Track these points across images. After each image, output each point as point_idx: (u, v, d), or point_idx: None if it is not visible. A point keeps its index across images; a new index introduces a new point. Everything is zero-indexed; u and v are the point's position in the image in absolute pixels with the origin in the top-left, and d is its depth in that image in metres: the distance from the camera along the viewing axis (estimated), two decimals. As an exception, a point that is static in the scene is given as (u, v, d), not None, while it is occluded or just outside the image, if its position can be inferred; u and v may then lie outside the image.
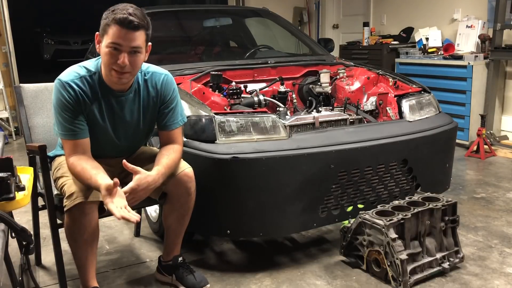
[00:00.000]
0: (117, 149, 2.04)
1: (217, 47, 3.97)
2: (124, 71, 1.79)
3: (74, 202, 1.77)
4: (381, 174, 2.42)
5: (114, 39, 1.75)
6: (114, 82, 1.85)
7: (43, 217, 2.28)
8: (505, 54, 4.36)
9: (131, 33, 1.75)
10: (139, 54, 1.81)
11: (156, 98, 1.99)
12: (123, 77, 1.82)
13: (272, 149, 2.18)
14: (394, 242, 2.08)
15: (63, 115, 1.84)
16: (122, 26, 1.73)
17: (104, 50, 1.78)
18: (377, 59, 5.37)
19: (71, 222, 1.80)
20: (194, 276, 2.13)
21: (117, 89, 1.90)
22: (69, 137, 1.85)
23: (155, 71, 2.01)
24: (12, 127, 5.47)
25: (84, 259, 1.89)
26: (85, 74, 1.87)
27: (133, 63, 1.79)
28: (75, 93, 1.83)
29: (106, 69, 1.82)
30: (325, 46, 3.84)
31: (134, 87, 1.95)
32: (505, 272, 2.26)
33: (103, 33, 1.78)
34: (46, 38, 11.10)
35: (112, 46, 1.75)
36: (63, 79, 1.84)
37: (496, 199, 3.21)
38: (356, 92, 2.90)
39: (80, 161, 1.82)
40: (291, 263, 2.40)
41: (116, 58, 1.76)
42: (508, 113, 4.64)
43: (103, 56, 1.80)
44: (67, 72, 1.88)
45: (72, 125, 1.84)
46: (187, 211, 2.07)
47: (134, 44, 1.77)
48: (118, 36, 1.74)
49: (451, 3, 5.05)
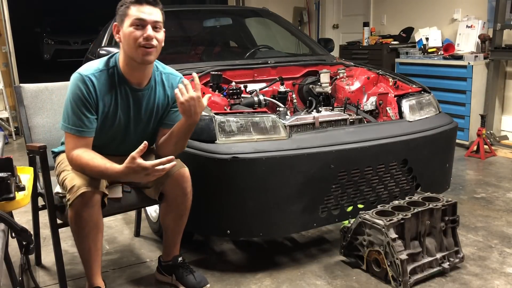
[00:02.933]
0: (123, 146, 2.05)
1: (217, 47, 3.97)
2: (151, 46, 1.84)
3: (76, 194, 1.77)
4: (381, 174, 2.42)
5: (137, 15, 1.81)
6: (143, 61, 1.87)
7: (43, 217, 2.28)
8: (505, 54, 4.36)
9: (151, 8, 1.84)
10: (160, 31, 1.88)
11: (170, 99, 2.03)
12: (150, 52, 1.85)
13: (272, 149, 2.18)
14: (394, 242, 2.08)
15: (75, 109, 1.84)
16: (141, 3, 1.81)
17: (128, 30, 1.82)
18: (377, 59, 5.37)
19: (75, 215, 1.80)
20: (194, 276, 2.13)
21: (135, 83, 1.93)
22: (75, 132, 1.85)
23: (171, 72, 2.07)
24: (12, 127, 5.47)
25: (88, 254, 1.89)
26: (104, 68, 1.90)
27: (157, 38, 1.86)
28: (93, 86, 1.85)
29: (132, 51, 1.84)
30: (325, 46, 3.84)
31: (151, 84, 1.98)
32: (505, 272, 2.26)
33: (122, 18, 1.85)
34: (46, 38, 11.11)
35: (136, 22, 1.81)
36: (83, 73, 1.85)
37: (496, 199, 3.21)
38: (356, 92, 2.90)
39: (87, 153, 1.84)
40: (291, 263, 2.40)
41: (141, 33, 1.81)
42: (508, 113, 4.64)
43: (127, 38, 1.83)
44: (86, 66, 1.90)
45: (82, 121, 1.85)
46: (184, 211, 2.07)
47: (156, 18, 1.85)
48: (140, 11, 1.82)
49: (451, 3, 5.05)
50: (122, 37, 1.87)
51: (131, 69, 1.90)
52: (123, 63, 1.91)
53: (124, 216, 2.98)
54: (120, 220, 2.98)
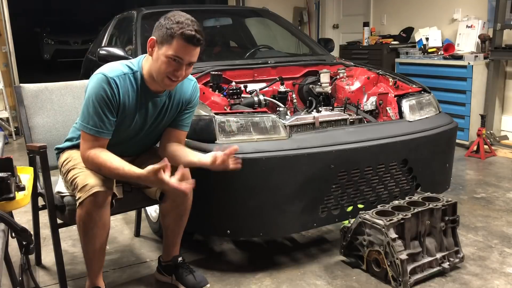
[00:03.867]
0: (133, 147, 2.06)
1: (217, 47, 3.97)
2: (178, 80, 1.85)
3: (89, 193, 1.77)
4: (381, 174, 2.42)
5: (179, 53, 1.79)
6: (164, 87, 1.89)
7: (43, 217, 2.28)
8: (505, 54, 4.36)
9: (194, 50, 1.81)
10: (192, 67, 1.88)
11: (184, 103, 2.03)
12: (175, 84, 1.88)
13: (272, 149, 2.18)
14: (394, 242, 2.08)
15: (98, 109, 1.83)
16: (188, 42, 1.78)
17: (163, 59, 1.80)
18: (377, 59, 5.37)
19: (85, 214, 1.80)
20: (194, 276, 2.13)
21: (154, 90, 1.93)
22: (94, 132, 1.84)
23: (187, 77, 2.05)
24: (12, 127, 5.47)
25: (93, 254, 1.89)
26: (128, 72, 1.89)
27: (187, 73, 1.87)
28: (117, 89, 1.84)
29: (159, 75, 1.83)
30: (325, 46, 3.84)
31: (169, 90, 1.98)
32: (505, 272, 2.26)
33: (163, 41, 1.80)
34: (46, 38, 11.11)
35: (175, 58, 1.79)
36: (108, 74, 1.84)
37: (496, 199, 3.21)
38: (356, 92, 2.90)
39: (104, 153, 1.84)
40: (291, 263, 2.40)
41: (174, 69, 1.81)
42: (508, 113, 4.64)
43: (159, 63, 1.81)
44: (110, 67, 1.88)
45: (102, 122, 1.84)
46: (185, 211, 2.07)
47: (194, 59, 1.84)
48: (184, 51, 1.79)
49: (451, 3, 5.05)
50: (154, 57, 1.85)
51: (153, 80, 1.90)
52: (147, 73, 1.90)
53: (124, 216, 2.98)
54: (120, 220, 2.98)
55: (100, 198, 1.78)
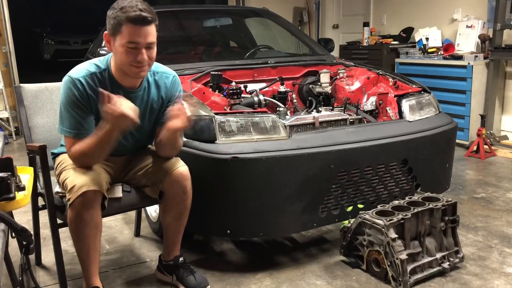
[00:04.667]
0: (120, 147, 2.04)
1: (217, 47, 3.97)
2: (143, 65, 1.83)
3: (77, 193, 1.77)
4: (381, 174, 2.42)
5: (131, 38, 1.76)
6: (135, 77, 1.87)
7: (43, 217, 2.28)
8: (505, 54, 4.36)
9: (145, 29, 1.77)
10: (154, 48, 1.85)
11: (164, 98, 2.03)
12: (143, 70, 1.85)
13: (272, 149, 2.18)
14: (394, 242, 2.08)
15: (71, 112, 1.84)
16: (136, 23, 1.75)
17: (120, 49, 1.79)
18: (377, 59, 5.37)
19: (75, 215, 1.79)
20: (195, 277, 2.12)
21: (127, 86, 1.92)
22: (73, 135, 1.85)
23: (164, 71, 2.05)
24: (12, 127, 5.47)
25: (87, 254, 1.88)
26: (95, 71, 1.89)
27: (150, 56, 1.83)
28: (84, 89, 1.84)
29: (125, 67, 1.83)
30: (325, 46, 3.84)
31: (144, 85, 1.97)
32: (505, 272, 2.26)
33: (115, 32, 1.79)
34: (46, 38, 11.10)
35: (130, 45, 1.77)
36: (74, 75, 1.85)
37: (496, 199, 3.21)
38: (356, 92, 2.90)
39: (80, 142, 1.83)
40: (291, 263, 2.40)
41: (135, 55, 1.79)
42: (508, 113, 4.64)
43: (119, 55, 1.81)
44: (77, 68, 1.89)
45: (78, 123, 1.85)
46: (184, 210, 2.07)
47: (150, 39, 1.80)
48: (134, 34, 1.76)
49: (451, 3, 5.05)
50: (114, 50, 1.84)
51: (123, 75, 1.89)
52: (115, 69, 1.89)
53: (124, 216, 2.98)
54: (120, 220, 2.98)
55: (89, 198, 1.78)
